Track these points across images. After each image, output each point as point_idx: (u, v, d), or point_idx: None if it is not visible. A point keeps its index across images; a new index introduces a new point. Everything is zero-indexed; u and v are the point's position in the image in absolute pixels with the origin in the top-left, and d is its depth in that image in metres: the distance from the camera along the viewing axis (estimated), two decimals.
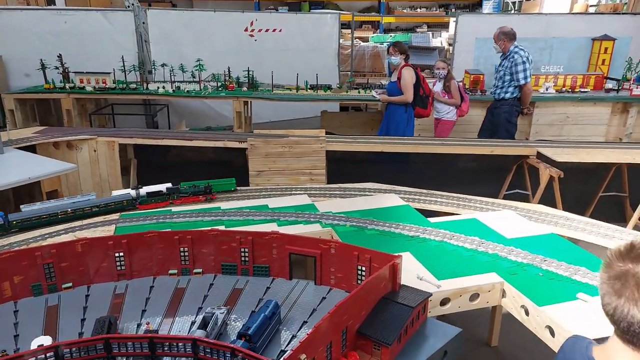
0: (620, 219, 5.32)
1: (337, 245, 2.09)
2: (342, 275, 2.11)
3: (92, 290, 2.04)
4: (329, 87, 7.48)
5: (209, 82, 7.28)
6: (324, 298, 2.07)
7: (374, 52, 12.77)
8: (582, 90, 7.19)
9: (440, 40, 13.95)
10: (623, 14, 9.94)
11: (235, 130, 6.98)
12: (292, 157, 4.61)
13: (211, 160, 5.36)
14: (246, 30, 8.80)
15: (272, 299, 1.86)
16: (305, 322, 1.90)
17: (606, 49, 7.67)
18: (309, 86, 7.49)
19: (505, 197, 5.30)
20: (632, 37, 8.13)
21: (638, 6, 10.73)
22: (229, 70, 7.33)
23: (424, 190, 3.79)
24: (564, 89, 7.21)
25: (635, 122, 7.02)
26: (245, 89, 7.23)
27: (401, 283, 2.02)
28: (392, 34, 14.54)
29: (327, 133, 6.63)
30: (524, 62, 5.73)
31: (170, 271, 2.17)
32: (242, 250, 2.17)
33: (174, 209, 3.12)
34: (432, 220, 3.06)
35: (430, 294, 1.99)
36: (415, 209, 3.30)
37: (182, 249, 2.14)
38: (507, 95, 5.90)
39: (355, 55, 12.46)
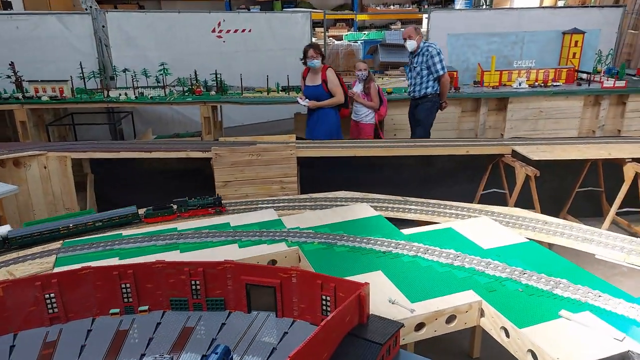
0: (598, 214, 5.27)
1: (298, 273, 1.89)
2: (305, 306, 1.91)
3: (19, 339, 1.79)
4: (300, 89, 7.25)
5: (174, 87, 6.98)
6: (285, 333, 1.87)
7: (348, 50, 12.61)
8: (555, 84, 7.15)
9: None
10: (591, 7, 9.99)
11: (205, 136, 6.71)
12: (260, 165, 4.38)
13: (177, 171, 5.10)
14: (214, 31, 8.51)
15: (221, 344, 1.64)
16: None
17: (576, 42, 7.65)
18: (280, 88, 7.26)
19: (483, 197, 5.19)
20: (600, 30, 8.14)
21: None
22: (195, 73, 7.05)
23: (399, 198, 3.62)
24: (536, 83, 7.15)
25: (607, 114, 7.02)
26: (213, 93, 6.96)
27: (369, 313, 1.84)
28: (366, 32, 14.40)
29: (301, 137, 6.46)
30: (438, 54, 5.64)
31: (112, 311, 1.94)
32: (193, 282, 1.95)
33: (125, 232, 2.87)
34: (406, 231, 2.89)
35: (402, 325, 1.80)
36: (389, 218, 3.12)
37: (123, 285, 1.91)
38: (429, 90, 5.77)
39: (329, 54, 12.27)
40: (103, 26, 7.51)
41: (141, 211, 3.21)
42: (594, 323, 1.94)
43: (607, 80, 6.95)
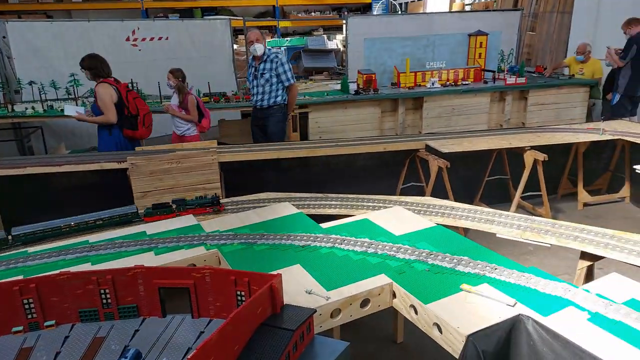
0: (506, 200, 5.71)
1: (211, 271, 1.90)
2: (221, 304, 1.93)
3: None
4: (223, 95, 7.21)
5: (87, 98, 6.66)
6: (202, 332, 1.87)
7: None
8: (464, 82, 7.65)
9: (335, 42, 14.22)
10: (493, 10, 10.83)
11: None
12: (181, 173, 4.31)
13: (93, 185, 4.88)
14: (128, 39, 8.24)
15: (131, 348, 1.62)
16: None
17: (481, 43, 8.24)
18: (202, 95, 7.16)
19: (403, 191, 5.45)
20: (502, 31, 8.84)
21: (505, 3, 11.77)
22: None
23: (319, 195, 3.72)
24: (447, 83, 7.62)
25: (512, 108, 7.62)
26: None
27: (284, 302, 1.89)
28: (289, 38, 14.57)
29: (227, 143, 6.41)
30: (288, 62, 5.52)
31: (14, 329, 1.84)
32: (102, 291, 1.90)
33: (31, 249, 2.72)
34: (325, 225, 2.99)
35: (314, 310, 1.87)
36: (310, 215, 3.20)
37: (25, 300, 1.82)
38: (279, 100, 5.56)
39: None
40: (3, 37, 7.02)
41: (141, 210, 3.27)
42: (490, 293, 2.12)
43: (510, 77, 7.56)
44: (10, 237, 2.92)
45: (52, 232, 2.97)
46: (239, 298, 1.89)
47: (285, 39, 14.34)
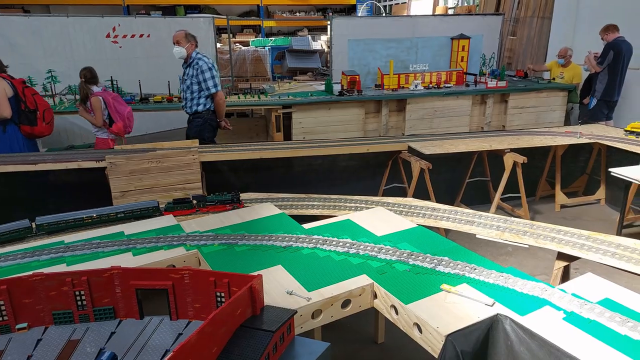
0: (486, 201, 5.78)
1: (190, 272, 1.88)
2: (200, 306, 1.90)
3: None
4: None
5: (64, 95, 6.53)
6: (180, 334, 1.85)
7: (255, 56, 12.64)
8: (446, 85, 7.73)
9: (320, 43, 14.24)
10: (476, 14, 10.97)
11: None
12: (161, 172, 4.25)
13: (71, 184, 4.77)
14: (108, 36, 8.11)
15: (107, 351, 1.59)
16: None
17: (463, 46, 8.34)
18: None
19: (385, 192, 5.48)
20: (483, 35, 8.96)
21: (487, 8, 11.93)
22: None
23: (302, 195, 3.71)
24: (430, 85, 7.69)
25: (493, 111, 7.73)
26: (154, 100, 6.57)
27: (265, 303, 1.88)
28: (273, 38, 14.53)
29: (208, 142, 6.35)
30: (210, 69, 5.14)
31: None
32: (77, 293, 1.86)
33: (3, 250, 2.65)
34: (307, 226, 2.98)
35: (295, 311, 1.86)
36: (292, 216, 3.19)
37: None
38: (200, 108, 5.28)
39: (236, 60, 12.21)
40: None
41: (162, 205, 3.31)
42: (469, 293, 2.14)
43: (491, 81, 7.68)
44: (34, 225, 2.97)
45: (74, 223, 3.03)
46: (219, 299, 1.87)
47: (270, 38, 14.30)
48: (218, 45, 10.34)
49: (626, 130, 5.39)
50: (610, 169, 4.04)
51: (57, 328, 1.86)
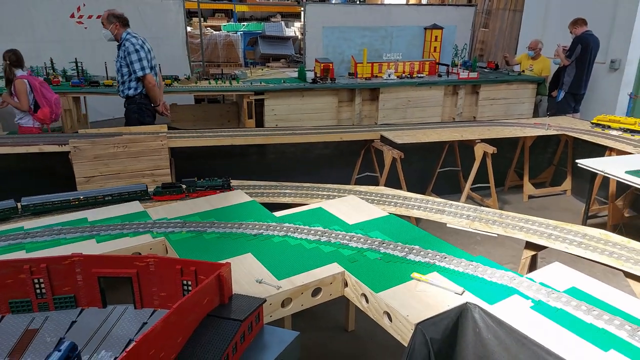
0: (457, 191, 5.86)
1: (156, 260, 1.81)
2: (166, 294, 1.84)
3: None
4: (175, 79, 6.95)
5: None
6: (144, 323, 1.79)
7: (227, 41, 12.37)
8: (419, 75, 7.76)
9: (293, 29, 14.06)
10: (449, 5, 11.03)
11: (67, 131, 6.12)
12: (128, 158, 4.11)
13: (34, 169, 4.57)
14: (72, 16, 7.77)
15: (66, 340, 1.52)
16: (116, 358, 1.60)
17: (436, 37, 8.37)
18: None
19: (357, 181, 5.48)
20: (456, 26, 9.02)
21: None
22: (52, 62, 6.37)
23: (274, 183, 3.66)
24: (404, 75, 7.70)
25: (464, 102, 7.81)
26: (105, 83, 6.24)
27: (233, 292, 1.84)
28: (246, 23, 14.26)
29: (178, 128, 6.19)
30: (137, 51, 4.79)
31: None
32: (36, 281, 1.77)
33: None
34: (278, 214, 2.93)
35: (264, 300, 1.82)
36: (263, 203, 3.14)
37: None
38: (131, 92, 4.95)
39: (207, 45, 11.92)
40: None
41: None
42: (439, 281, 2.15)
43: (463, 72, 7.74)
44: (19, 205, 2.91)
45: (60, 205, 2.96)
46: (186, 288, 1.82)
47: (242, 23, 14.03)
48: (189, 29, 10.08)
49: (592, 123, 5.54)
50: (577, 160, 4.14)
51: (15, 317, 1.77)
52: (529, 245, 2.84)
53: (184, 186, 3.28)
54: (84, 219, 2.73)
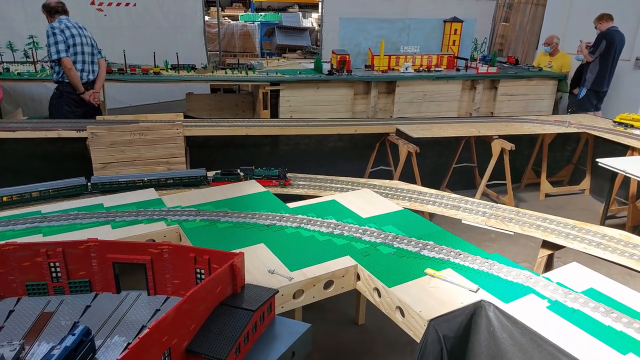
0: (472, 187, 5.79)
1: (170, 248, 1.82)
2: (179, 282, 1.85)
3: None
4: (192, 68, 6.95)
5: (46, 62, 6.30)
6: (157, 310, 1.79)
7: (244, 31, 12.36)
8: (437, 69, 7.66)
9: (311, 20, 13.98)
10: None
11: None
12: (144, 145, 4.14)
13: (51, 154, 4.63)
14: (93, 3, 7.82)
15: (80, 325, 1.53)
16: (129, 344, 1.61)
17: (455, 30, 8.23)
18: (169, 66, 6.89)
19: (371, 174, 5.44)
20: (476, 20, 8.86)
21: None
22: None
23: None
24: (421, 68, 7.60)
25: (482, 97, 7.70)
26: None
27: (245, 282, 1.83)
28: (263, 13, 14.22)
29: (194, 117, 6.22)
30: (53, 34, 4.62)
31: None
32: (52, 264, 1.79)
33: None
34: (292, 205, 2.92)
35: (276, 291, 1.82)
36: (277, 194, 3.13)
37: None
38: (55, 77, 4.78)
39: (224, 35, 11.93)
40: None
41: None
42: (454, 278, 2.13)
43: (482, 66, 7.61)
44: (89, 184, 3.08)
45: (126, 185, 3.09)
46: (199, 276, 1.82)
47: (259, 14, 13.99)
48: (206, 18, 10.08)
49: (615, 121, 5.41)
50: (597, 159, 4.05)
51: (31, 299, 1.80)
52: (546, 245, 2.79)
53: (241, 174, 3.36)
54: (100, 204, 2.75)
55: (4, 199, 2.78)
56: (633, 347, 1.72)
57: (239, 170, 3.38)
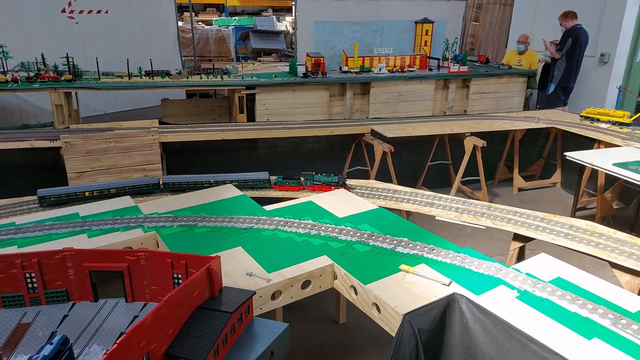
0: (447, 184, 5.91)
1: (146, 254, 1.83)
2: (157, 288, 1.86)
3: None
4: (167, 73, 6.91)
5: (17, 72, 6.18)
6: (136, 317, 1.81)
7: (218, 35, 12.31)
8: (410, 69, 7.77)
9: (285, 24, 14.02)
10: None
11: (58, 126, 6.07)
12: (119, 153, 4.11)
13: (23, 165, 4.55)
14: (64, 11, 7.69)
15: (58, 334, 1.53)
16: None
17: (427, 31, 8.37)
18: (143, 72, 6.83)
19: (348, 174, 5.50)
20: (447, 20, 9.03)
21: None
22: (42, 57, 6.32)
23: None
24: (394, 69, 7.71)
25: (455, 96, 7.84)
26: (65, 78, 6.27)
27: (223, 285, 1.86)
28: (237, 17, 14.20)
29: (170, 123, 6.18)
30: None
31: None
32: (27, 275, 1.78)
33: None
34: (269, 207, 2.95)
35: (253, 293, 1.85)
36: (254, 198, 3.16)
37: None
38: None
39: (198, 39, 11.85)
40: None
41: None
42: (427, 273, 2.19)
43: (454, 66, 7.76)
44: (161, 182, 3.22)
45: (195, 185, 3.29)
46: (176, 281, 1.84)
47: (233, 18, 13.97)
48: (180, 23, 10.02)
49: (582, 116, 5.59)
50: (565, 153, 4.19)
51: (7, 311, 1.79)
52: (517, 237, 2.89)
53: (302, 179, 3.41)
54: (75, 213, 2.74)
55: (86, 194, 3.03)
56: (598, 331, 1.81)
57: (300, 176, 3.44)
